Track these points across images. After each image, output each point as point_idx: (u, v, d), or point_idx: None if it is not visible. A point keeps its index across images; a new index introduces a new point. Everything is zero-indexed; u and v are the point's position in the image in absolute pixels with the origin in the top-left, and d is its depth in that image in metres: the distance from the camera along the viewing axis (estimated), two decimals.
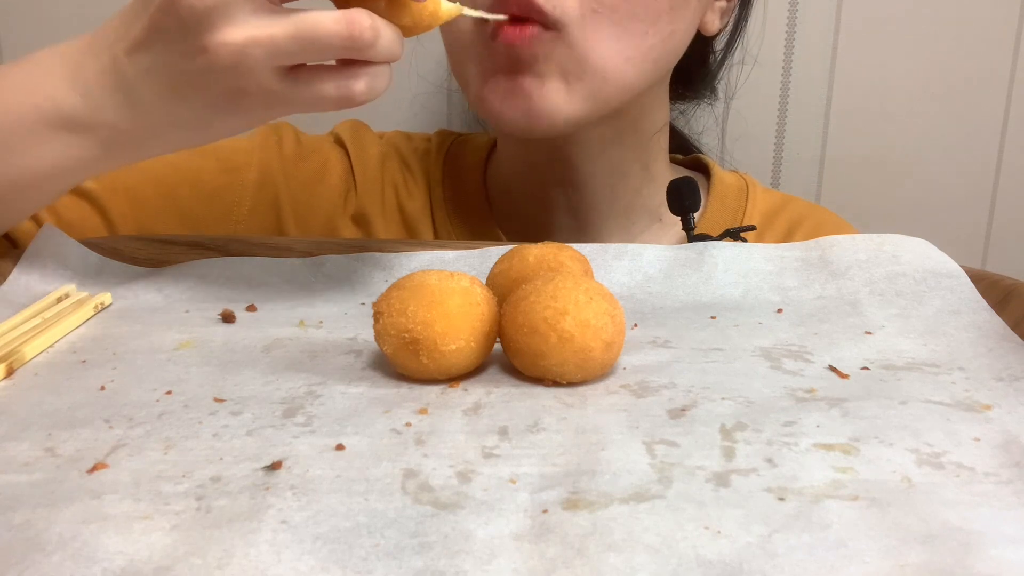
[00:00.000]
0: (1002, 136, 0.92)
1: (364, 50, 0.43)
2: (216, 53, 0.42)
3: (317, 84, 0.44)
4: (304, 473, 0.32)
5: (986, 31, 0.89)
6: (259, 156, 0.71)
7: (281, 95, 0.45)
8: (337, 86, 0.44)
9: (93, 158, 0.49)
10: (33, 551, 0.28)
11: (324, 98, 0.45)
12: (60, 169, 0.49)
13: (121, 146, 0.48)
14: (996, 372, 0.41)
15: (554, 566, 0.27)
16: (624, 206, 0.71)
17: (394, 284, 0.41)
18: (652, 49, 0.61)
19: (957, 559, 0.27)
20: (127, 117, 0.47)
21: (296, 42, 0.42)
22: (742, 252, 0.54)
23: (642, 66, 0.61)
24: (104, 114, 0.47)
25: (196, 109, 0.46)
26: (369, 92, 0.45)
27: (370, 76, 0.45)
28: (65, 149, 0.48)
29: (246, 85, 0.44)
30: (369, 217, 0.73)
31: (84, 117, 0.47)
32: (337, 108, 0.45)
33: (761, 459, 0.33)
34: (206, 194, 0.69)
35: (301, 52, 0.43)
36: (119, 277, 0.55)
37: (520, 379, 0.41)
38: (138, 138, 0.48)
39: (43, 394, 0.39)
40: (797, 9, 0.89)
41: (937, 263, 0.52)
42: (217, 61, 0.43)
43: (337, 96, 0.45)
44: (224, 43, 0.42)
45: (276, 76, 0.44)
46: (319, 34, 0.42)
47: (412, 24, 0.46)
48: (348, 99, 0.45)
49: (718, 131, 0.91)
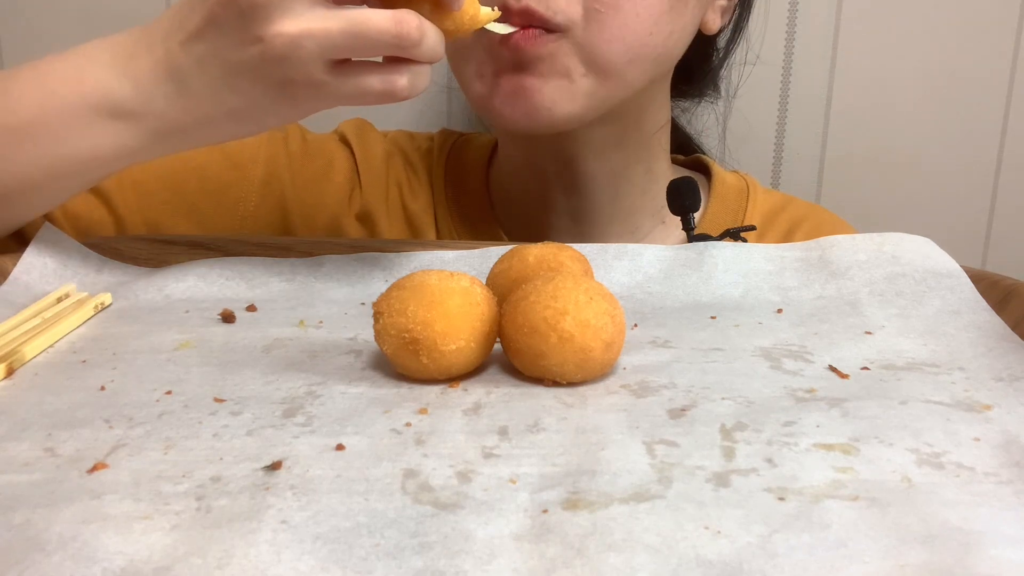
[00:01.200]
0: (1002, 136, 0.92)
1: (410, 48, 0.46)
2: (271, 43, 0.45)
3: (363, 77, 0.47)
4: (304, 473, 0.32)
5: (986, 31, 0.89)
6: (266, 153, 0.71)
7: (328, 87, 0.47)
8: (382, 80, 0.47)
9: (139, 146, 0.50)
10: (33, 551, 0.28)
11: (369, 91, 0.47)
12: (105, 156, 0.50)
13: (167, 135, 0.50)
14: (996, 372, 0.41)
15: (554, 566, 0.27)
16: (627, 208, 0.71)
17: (394, 284, 0.41)
18: (653, 48, 0.61)
19: (957, 559, 0.27)
20: (177, 106, 0.48)
21: (348, 37, 0.45)
22: (742, 252, 0.54)
23: (643, 65, 0.61)
24: (154, 103, 0.48)
25: (247, 99, 0.48)
26: (411, 89, 0.48)
27: (413, 74, 0.47)
28: (112, 137, 0.49)
29: (295, 76, 0.46)
30: (373, 215, 0.73)
31: (134, 105, 0.49)
32: (380, 102, 0.47)
33: (761, 459, 0.33)
34: (213, 189, 0.69)
35: (351, 46, 0.45)
36: (119, 277, 0.55)
37: (520, 379, 0.41)
38: (186, 127, 0.49)
39: (43, 394, 0.39)
40: (797, 9, 0.89)
41: (937, 263, 0.52)
42: (271, 51, 0.45)
43: (381, 90, 0.47)
44: (279, 34, 0.44)
45: (325, 68, 0.46)
46: (370, 30, 0.45)
47: (453, 28, 0.48)
48: (391, 93, 0.47)
49: (719, 131, 0.91)
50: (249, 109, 0.49)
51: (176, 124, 0.49)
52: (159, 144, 0.50)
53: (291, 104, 0.48)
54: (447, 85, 0.92)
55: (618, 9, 0.58)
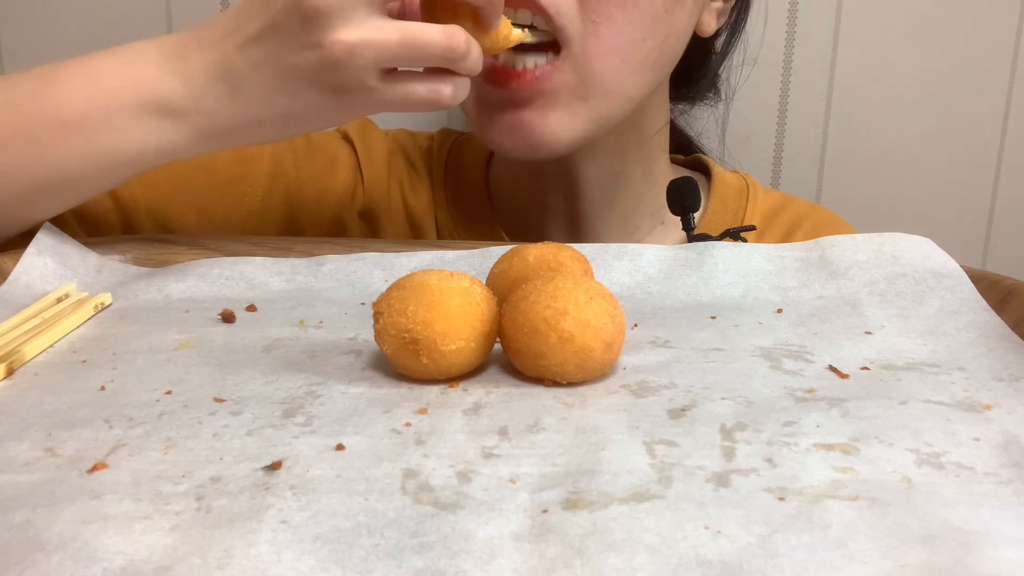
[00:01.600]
0: (1002, 136, 0.92)
1: (457, 61, 0.49)
2: (331, 49, 0.47)
3: (411, 85, 0.50)
4: (304, 473, 0.32)
5: (986, 31, 0.89)
6: (272, 148, 0.72)
7: (378, 93, 0.49)
8: (428, 89, 0.50)
9: (185, 144, 0.51)
10: (33, 551, 0.28)
11: (416, 99, 0.50)
12: (150, 153, 0.51)
13: (214, 135, 0.51)
14: (996, 372, 0.41)
15: (554, 566, 0.27)
16: (626, 210, 0.71)
17: (394, 284, 0.41)
18: (650, 54, 0.61)
19: (957, 559, 0.27)
20: (227, 107, 0.50)
21: (403, 47, 0.48)
22: (742, 252, 0.54)
23: (642, 75, 0.61)
24: (204, 103, 0.50)
25: (299, 102, 0.50)
26: (454, 98, 0.51)
27: (456, 84, 0.51)
28: (159, 134, 0.50)
29: (349, 82, 0.48)
30: (375, 213, 0.73)
31: (183, 104, 0.50)
32: (425, 109, 0.51)
33: (761, 459, 0.33)
34: (219, 183, 0.69)
35: (405, 56, 0.48)
36: (119, 277, 0.55)
37: (520, 379, 0.41)
38: (233, 128, 0.51)
39: (43, 394, 0.39)
40: (797, 9, 0.89)
41: (937, 263, 0.52)
42: (329, 57, 0.47)
43: (427, 98, 0.50)
44: (339, 40, 0.47)
45: (377, 76, 0.48)
46: (424, 42, 0.48)
47: (489, 46, 0.52)
48: (436, 102, 0.50)
49: (718, 131, 0.91)
50: (300, 112, 0.50)
51: (224, 124, 0.51)
52: (205, 143, 0.52)
53: (341, 108, 0.50)
54: None
55: (611, 18, 0.58)
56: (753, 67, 0.86)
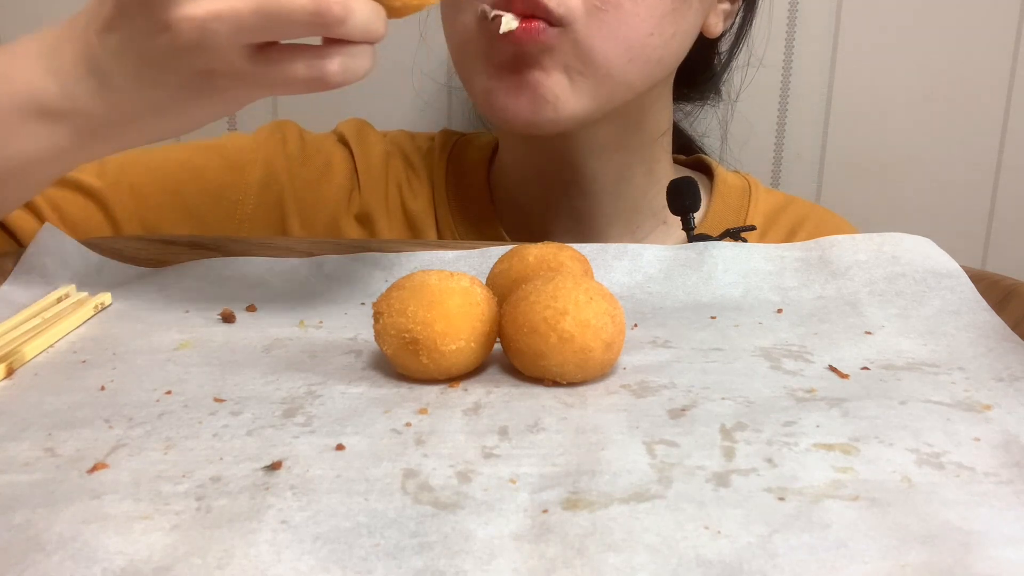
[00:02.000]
0: (1002, 136, 0.92)
1: (333, 27, 0.41)
2: (179, 28, 0.41)
3: (288, 63, 0.42)
4: (304, 473, 0.32)
5: (986, 32, 0.89)
6: (264, 154, 0.71)
7: (251, 75, 0.43)
8: (308, 66, 0.42)
9: (70, 147, 0.47)
10: (33, 551, 0.28)
11: (295, 78, 0.42)
12: (39, 159, 0.47)
13: (96, 135, 0.47)
14: (996, 372, 0.41)
15: (554, 566, 0.27)
16: (628, 209, 0.71)
17: (394, 284, 0.41)
18: (655, 50, 0.61)
19: (957, 559, 0.27)
20: (101, 103, 0.45)
21: (260, 16, 0.40)
22: (742, 252, 0.54)
23: (645, 67, 0.61)
24: (78, 101, 0.45)
25: (168, 92, 0.44)
26: (343, 73, 0.42)
27: (345, 56, 0.42)
28: (42, 139, 0.46)
29: (214, 65, 0.42)
30: (373, 216, 0.73)
31: (59, 105, 0.45)
32: (310, 90, 0.43)
33: (761, 459, 0.33)
34: (210, 192, 0.69)
35: (266, 28, 0.41)
36: (119, 277, 0.55)
37: (520, 379, 0.41)
38: (114, 126, 0.46)
39: (43, 394, 0.39)
40: (797, 9, 0.89)
41: (937, 263, 0.52)
42: (181, 37, 0.41)
43: (308, 76, 0.42)
44: (186, 17, 0.40)
45: (244, 55, 0.42)
46: (283, 8, 0.40)
47: (403, 5, 0.44)
48: (320, 80, 0.42)
49: (719, 132, 0.91)
50: (173, 103, 0.45)
51: (102, 122, 0.46)
52: (91, 143, 0.47)
53: (215, 96, 0.44)
54: (448, 84, 0.92)
55: (619, 8, 0.58)
56: (755, 68, 0.86)
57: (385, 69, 0.91)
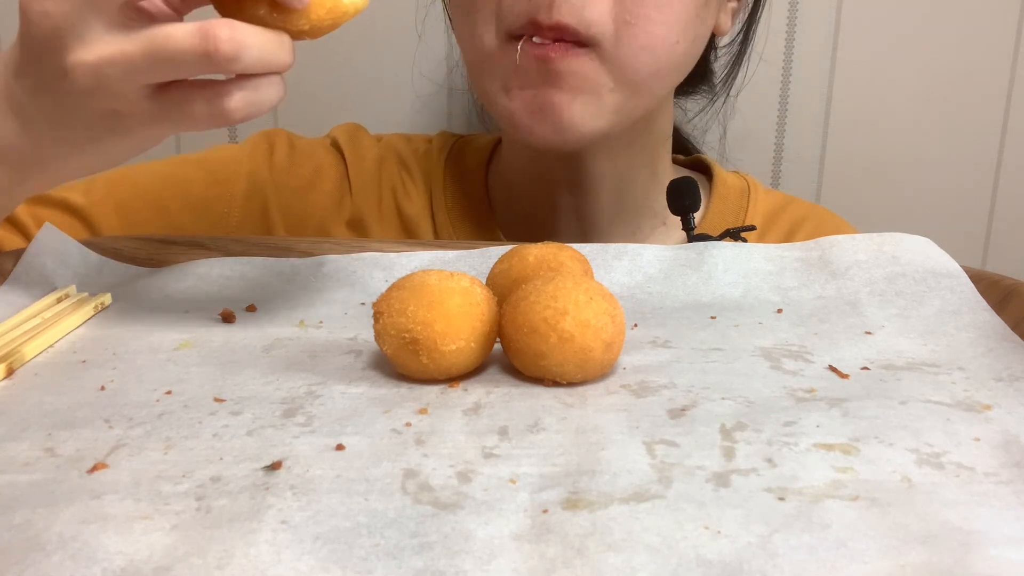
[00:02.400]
0: (1002, 136, 0.92)
1: (224, 64, 0.40)
2: (75, 74, 0.41)
3: (187, 102, 0.41)
4: (304, 473, 0.32)
5: (986, 31, 0.89)
6: (248, 166, 0.71)
7: (154, 114, 0.42)
8: (208, 103, 0.41)
9: (7, 183, 0.47)
10: (33, 551, 0.28)
11: (195, 116, 0.42)
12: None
13: (29, 171, 0.47)
14: (996, 372, 0.41)
15: (554, 566, 0.27)
16: (631, 209, 0.71)
17: (394, 284, 0.41)
18: (679, 57, 0.61)
19: (957, 559, 0.27)
20: (26, 141, 0.45)
21: (150, 59, 0.40)
22: (742, 252, 0.54)
23: (670, 75, 0.62)
24: (5, 140, 0.45)
25: (82, 131, 0.44)
26: (246, 107, 0.41)
27: (247, 90, 0.41)
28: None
29: (117, 105, 0.42)
30: (366, 221, 0.73)
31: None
32: (213, 126, 0.42)
33: (761, 459, 0.33)
34: (195, 205, 0.69)
35: (158, 69, 0.40)
36: (119, 277, 0.55)
37: (520, 379, 0.41)
38: (41, 162, 0.46)
39: (43, 394, 0.39)
40: (797, 9, 0.89)
41: (937, 263, 0.52)
42: (79, 82, 0.41)
43: (208, 113, 0.41)
44: (80, 63, 0.40)
45: (144, 95, 0.41)
46: (171, 50, 0.39)
47: (309, 27, 0.42)
48: (221, 116, 0.41)
49: (719, 131, 0.91)
50: (88, 141, 0.45)
51: (32, 160, 0.46)
52: (24, 179, 0.47)
53: (126, 133, 0.44)
54: (447, 85, 0.92)
55: (648, 20, 0.58)
56: (754, 66, 0.86)
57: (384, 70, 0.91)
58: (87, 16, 0.40)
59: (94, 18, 0.40)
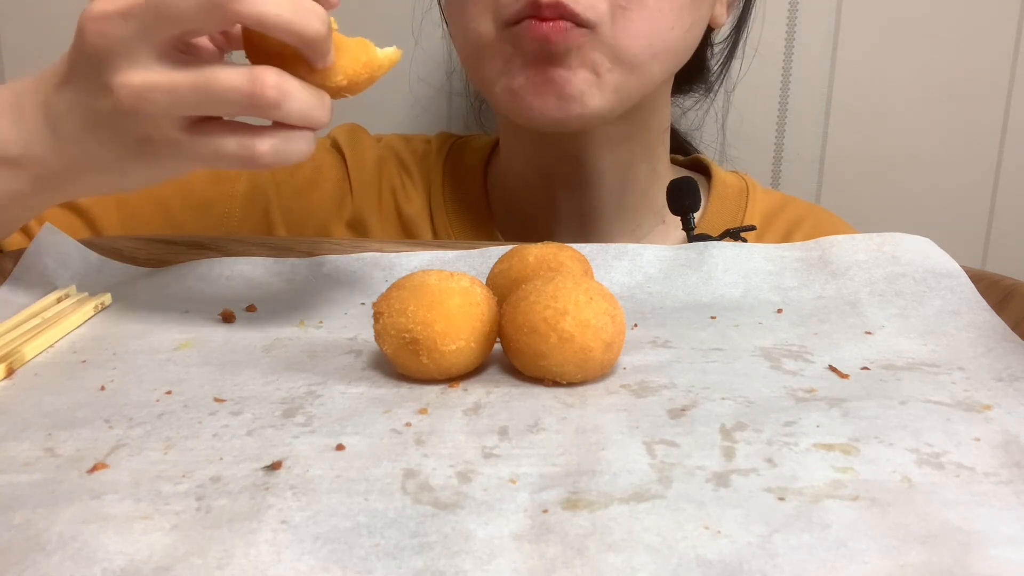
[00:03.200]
0: (1002, 136, 0.92)
1: (267, 110, 0.41)
2: (118, 94, 0.42)
3: (220, 138, 0.43)
4: (304, 473, 0.32)
5: (986, 31, 0.89)
6: None
7: (184, 146, 0.44)
8: (240, 144, 0.43)
9: (24, 193, 0.48)
10: (33, 551, 0.28)
11: (224, 155, 0.43)
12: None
13: (49, 183, 0.48)
14: (996, 372, 0.41)
15: (554, 566, 0.27)
16: (631, 207, 0.71)
17: (394, 284, 0.41)
18: (675, 42, 0.62)
19: (957, 559, 0.27)
20: (54, 154, 0.46)
21: (195, 92, 0.41)
22: (742, 252, 0.54)
23: (666, 60, 0.62)
24: (33, 148, 0.46)
25: (109, 151, 0.45)
26: (274, 155, 0.43)
27: (280, 139, 0.43)
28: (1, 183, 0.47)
29: (150, 131, 0.43)
30: (366, 222, 0.73)
31: (16, 152, 0.47)
32: (238, 167, 0.44)
33: (761, 459, 0.33)
34: (197, 204, 0.69)
35: (201, 104, 0.42)
36: (119, 277, 0.55)
37: (520, 379, 0.41)
38: (64, 175, 0.47)
39: (43, 394, 0.39)
40: (797, 9, 0.89)
41: (937, 263, 0.52)
42: (120, 102, 0.42)
43: (238, 154, 0.43)
44: (125, 84, 0.42)
45: (179, 126, 0.43)
46: (219, 88, 0.41)
47: (349, 82, 0.44)
48: (249, 159, 0.43)
49: (718, 131, 0.91)
50: (114, 162, 0.46)
51: (54, 171, 0.47)
52: (44, 191, 0.48)
53: (152, 161, 0.45)
54: (447, 89, 0.92)
55: (643, 5, 0.59)
56: (753, 66, 0.86)
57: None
58: (141, 43, 0.41)
59: (148, 45, 0.41)
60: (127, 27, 0.41)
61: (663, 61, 0.62)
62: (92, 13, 0.42)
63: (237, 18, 0.40)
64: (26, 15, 0.91)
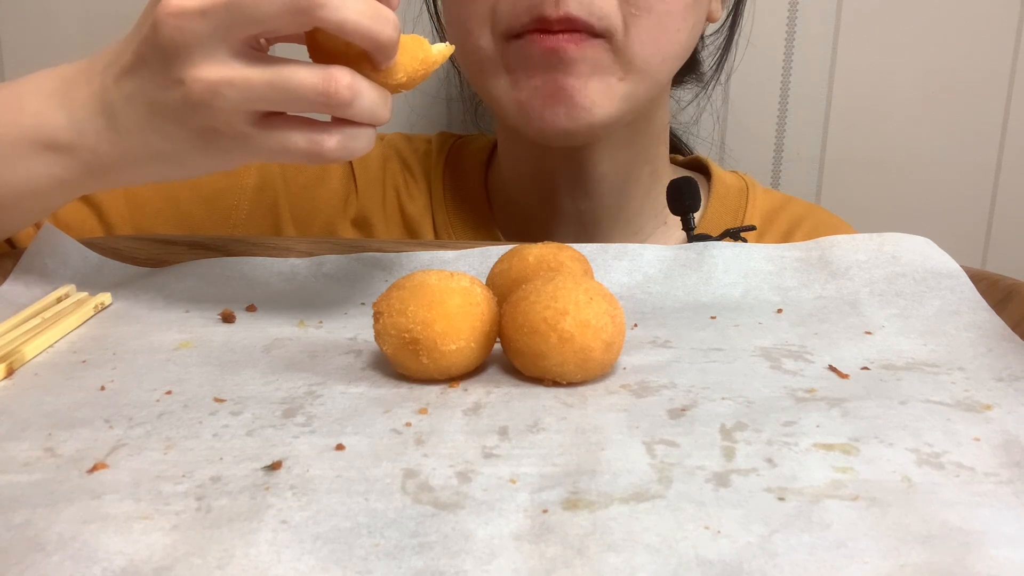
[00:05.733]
0: (1002, 136, 0.92)
1: (340, 108, 0.43)
2: (191, 87, 0.43)
3: (288, 133, 0.44)
4: (304, 473, 0.32)
5: (986, 31, 0.89)
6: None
7: (252, 140, 0.44)
8: (308, 139, 0.44)
9: (72, 180, 0.48)
10: (33, 551, 0.28)
11: (293, 149, 0.44)
12: (39, 188, 0.49)
13: (100, 171, 0.48)
14: (996, 372, 0.41)
15: (554, 566, 0.27)
16: (631, 210, 0.71)
17: (394, 284, 0.41)
18: (681, 44, 0.62)
19: (957, 559, 0.27)
20: (108, 142, 0.47)
21: (270, 89, 0.42)
22: (742, 252, 0.54)
23: (674, 62, 0.63)
24: (86, 137, 0.47)
25: (171, 142, 0.46)
26: (341, 150, 0.44)
27: (345, 135, 0.44)
28: (45, 169, 0.48)
29: (218, 124, 0.44)
30: (370, 220, 0.73)
31: (67, 138, 0.47)
32: (308, 162, 0.45)
33: (761, 459, 0.33)
34: (205, 197, 0.69)
35: (275, 99, 0.43)
36: (119, 277, 0.55)
37: (520, 379, 0.41)
38: (117, 165, 0.48)
39: (43, 394, 0.39)
40: (797, 8, 0.89)
41: (937, 263, 0.52)
42: (191, 95, 0.43)
43: (307, 149, 0.44)
44: (199, 78, 0.42)
45: (248, 120, 0.44)
46: (294, 85, 0.42)
47: (408, 79, 0.45)
48: (318, 154, 0.44)
49: (718, 131, 0.91)
50: (174, 153, 0.46)
51: (107, 160, 0.47)
52: (92, 179, 0.49)
53: (215, 153, 0.46)
54: (446, 95, 0.92)
55: (653, 10, 0.59)
56: (753, 66, 0.86)
57: None
58: (218, 40, 0.42)
59: (224, 43, 0.42)
60: (205, 24, 0.42)
61: (671, 64, 0.62)
62: (170, 8, 0.42)
63: (320, 23, 0.41)
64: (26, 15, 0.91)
